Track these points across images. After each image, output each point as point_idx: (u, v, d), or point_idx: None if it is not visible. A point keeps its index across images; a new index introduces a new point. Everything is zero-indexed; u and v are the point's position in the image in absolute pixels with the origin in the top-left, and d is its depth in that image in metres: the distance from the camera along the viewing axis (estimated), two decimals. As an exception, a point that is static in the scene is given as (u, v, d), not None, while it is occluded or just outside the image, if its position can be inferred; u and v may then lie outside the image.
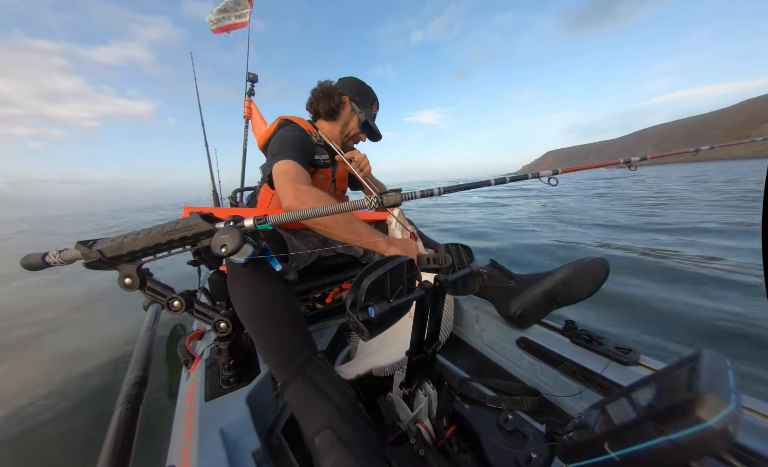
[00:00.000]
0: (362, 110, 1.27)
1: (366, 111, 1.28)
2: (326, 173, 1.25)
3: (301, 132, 1.13)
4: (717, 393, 0.34)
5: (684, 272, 2.71)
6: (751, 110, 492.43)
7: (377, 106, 1.35)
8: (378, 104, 1.35)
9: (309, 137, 1.15)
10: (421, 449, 0.64)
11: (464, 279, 0.70)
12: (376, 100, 1.34)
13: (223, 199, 2.86)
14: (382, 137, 1.42)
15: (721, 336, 1.74)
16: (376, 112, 1.36)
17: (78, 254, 0.55)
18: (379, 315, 0.45)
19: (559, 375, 0.83)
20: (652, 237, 4.07)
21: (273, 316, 0.69)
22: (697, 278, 2.56)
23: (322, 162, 1.20)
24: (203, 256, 0.69)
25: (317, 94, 1.25)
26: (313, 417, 0.55)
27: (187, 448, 0.62)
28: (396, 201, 0.63)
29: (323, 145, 1.23)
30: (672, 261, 3.01)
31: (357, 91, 1.28)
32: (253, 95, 2.47)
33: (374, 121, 1.34)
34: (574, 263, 0.89)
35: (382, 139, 1.45)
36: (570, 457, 0.46)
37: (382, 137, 1.41)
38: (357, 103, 1.27)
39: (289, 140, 1.08)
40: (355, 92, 1.28)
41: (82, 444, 1.20)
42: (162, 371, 1.60)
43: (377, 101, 1.35)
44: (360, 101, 1.27)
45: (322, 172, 1.23)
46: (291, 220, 0.59)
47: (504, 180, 0.87)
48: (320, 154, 1.20)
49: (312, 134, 1.18)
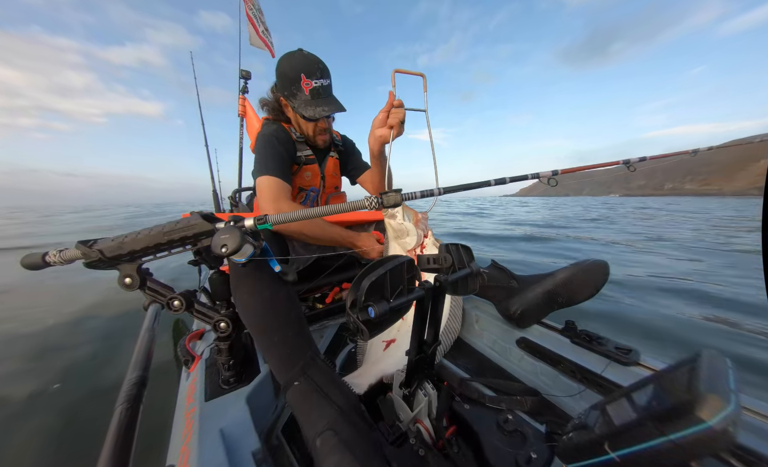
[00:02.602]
0: (294, 100, 1.05)
1: (298, 102, 1.04)
2: (312, 169, 1.21)
3: (279, 132, 1.11)
4: (717, 394, 0.34)
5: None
6: (739, 151, 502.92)
7: (312, 74, 1.03)
8: (314, 70, 1.03)
9: (289, 135, 1.13)
10: (421, 449, 0.64)
11: (464, 279, 0.70)
12: (301, 72, 1.02)
13: (223, 199, 2.87)
14: (345, 108, 1.09)
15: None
16: (314, 84, 1.03)
17: (78, 254, 0.55)
18: (379, 315, 0.45)
19: (559, 375, 0.83)
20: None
21: (276, 316, 0.69)
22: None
23: (304, 158, 1.17)
24: (204, 256, 0.69)
25: (265, 106, 1.18)
26: (315, 419, 0.55)
27: (187, 448, 0.62)
28: (396, 201, 0.63)
29: (304, 140, 1.18)
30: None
31: (281, 84, 1.07)
32: (246, 93, 2.46)
33: (316, 96, 1.04)
34: (576, 264, 0.89)
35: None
36: (570, 457, 0.46)
37: (342, 107, 1.08)
38: (287, 98, 1.08)
39: (268, 150, 1.05)
40: (281, 87, 1.08)
41: (82, 445, 1.20)
42: (162, 371, 1.60)
43: (305, 70, 1.02)
44: (288, 94, 1.06)
45: (307, 168, 1.20)
46: (291, 219, 0.59)
47: (504, 180, 0.87)
48: (302, 150, 1.16)
49: (292, 130, 1.16)
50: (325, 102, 1.06)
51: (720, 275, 3.33)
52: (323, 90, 1.06)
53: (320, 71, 1.05)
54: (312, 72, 1.03)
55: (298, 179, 1.19)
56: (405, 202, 0.67)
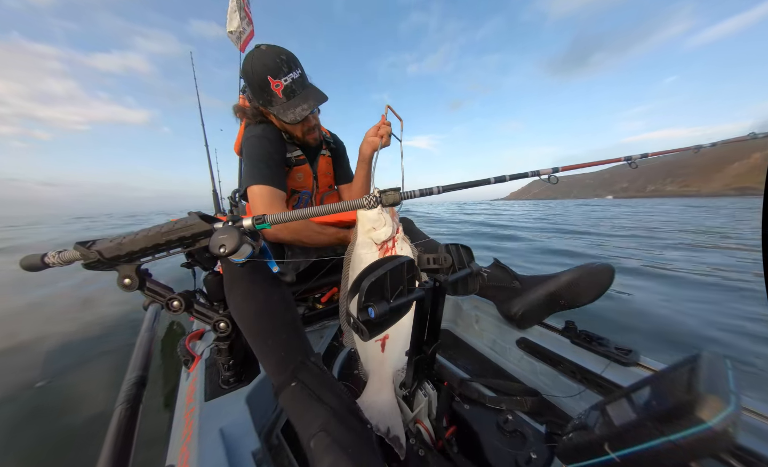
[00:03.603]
0: (271, 107, 0.98)
1: (276, 108, 0.97)
2: (304, 170, 1.16)
3: (269, 132, 1.04)
4: (717, 394, 0.34)
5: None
6: (715, 153, 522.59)
7: (278, 72, 0.93)
8: (278, 68, 0.93)
9: (279, 135, 1.08)
10: (420, 449, 0.64)
11: (464, 279, 0.70)
12: (266, 75, 0.92)
13: (223, 198, 2.87)
14: (326, 97, 1.02)
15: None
16: (284, 83, 0.94)
17: (77, 255, 0.55)
18: (379, 316, 0.45)
19: (559, 375, 0.83)
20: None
21: (270, 319, 0.69)
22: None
23: (295, 159, 1.12)
24: (197, 258, 0.69)
25: (238, 113, 1.12)
26: (308, 421, 0.55)
27: (186, 448, 0.62)
28: (395, 200, 0.63)
29: (292, 141, 1.13)
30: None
31: (253, 93, 1.00)
32: (246, 91, 2.45)
33: (291, 94, 0.95)
34: (582, 267, 0.89)
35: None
36: (570, 458, 0.46)
37: (323, 97, 1.01)
38: (264, 106, 1.00)
39: (254, 154, 0.99)
40: (254, 95, 1.00)
41: (82, 444, 1.20)
42: (162, 371, 1.60)
43: (269, 71, 0.92)
44: (264, 102, 0.98)
45: (299, 169, 1.15)
46: (289, 219, 0.59)
47: (504, 178, 0.87)
48: (291, 151, 1.11)
49: (283, 130, 1.10)
50: (303, 98, 0.97)
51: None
52: (296, 84, 0.96)
53: (286, 65, 0.93)
54: (277, 70, 0.92)
55: (289, 182, 1.15)
56: (404, 200, 0.66)
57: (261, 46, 0.96)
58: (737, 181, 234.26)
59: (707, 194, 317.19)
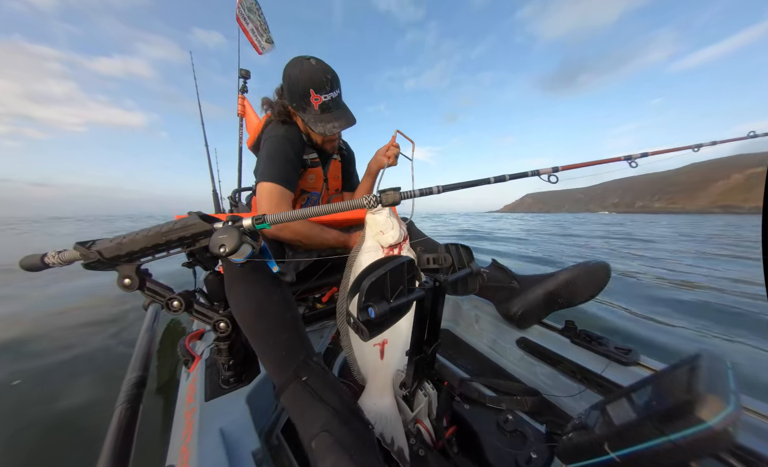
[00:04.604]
0: (303, 113, 1.04)
1: (308, 116, 1.03)
2: (317, 172, 1.21)
3: (287, 132, 1.08)
4: (717, 394, 0.34)
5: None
6: (701, 171, 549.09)
7: (321, 89, 1.00)
8: (323, 84, 1.00)
9: (299, 135, 1.11)
10: (420, 449, 0.64)
11: (464, 279, 0.70)
12: (310, 88, 0.99)
13: (223, 198, 2.87)
14: (355, 120, 1.09)
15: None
16: (324, 99, 1.01)
17: (77, 255, 0.55)
18: (379, 316, 0.45)
19: (559, 375, 0.83)
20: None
21: (270, 319, 0.69)
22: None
23: (310, 161, 1.17)
24: (198, 257, 0.69)
25: (265, 105, 1.17)
26: (310, 422, 0.55)
27: (186, 448, 0.62)
28: (395, 200, 0.63)
29: (311, 143, 1.17)
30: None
31: (289, 96, 1.05)
32: (246, 92, 2.44)
33: (326, 110, 1.02)
34: (578, 265, 0.89)
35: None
36: (570, 458, 0.46)
37: (353, 120, 1.09)
38: (296, 110, 1.06)
39: (274, 153, 1.03)
40: (289, 97, 1.05)
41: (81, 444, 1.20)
42: (162, 371, 1.60)
43: (314, 85, 0.99)
44: (297, 107, 1.04)
45: (312, 171, 1.20)
46: (289, 219, 0.59)
47: (504, 178, 0.87)
48: (308, 153, 1.16)
49: (305, 133, 1.14)
50: (336, 116, 1.04)
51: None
52: (333, 103, 1.04)
53: (329, 84, 1.01)
54: (321, 86, 1.00)
55: (302, 182, 1.19)
56: (403, 200, 0.66)
57: (311, 59, 1.02)
58: (721, 199, 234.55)
59: (692, 211, 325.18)
